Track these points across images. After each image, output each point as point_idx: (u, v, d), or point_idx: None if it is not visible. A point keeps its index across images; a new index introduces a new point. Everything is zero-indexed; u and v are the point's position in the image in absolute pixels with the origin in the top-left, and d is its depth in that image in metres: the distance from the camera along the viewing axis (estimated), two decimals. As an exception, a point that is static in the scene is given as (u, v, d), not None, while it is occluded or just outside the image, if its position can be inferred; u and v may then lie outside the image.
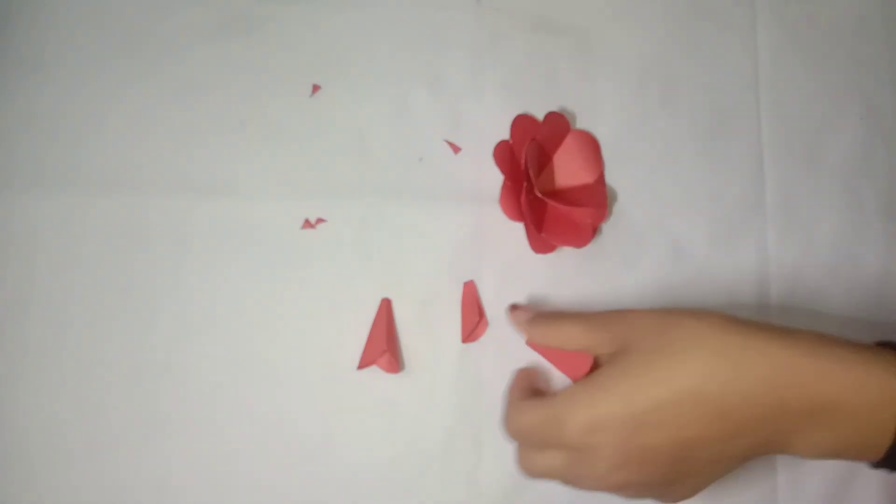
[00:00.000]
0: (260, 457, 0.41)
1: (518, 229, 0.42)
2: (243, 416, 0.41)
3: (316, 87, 0.44)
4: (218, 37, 0.44)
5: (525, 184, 0.41)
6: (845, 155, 0.46)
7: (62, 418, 0.40)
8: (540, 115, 0.44)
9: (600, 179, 0.44)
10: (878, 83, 0.47)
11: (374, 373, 0.41)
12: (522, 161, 0.42)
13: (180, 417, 0.41)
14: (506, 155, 0.42)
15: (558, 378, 0.42)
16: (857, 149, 0.46)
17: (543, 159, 0.44)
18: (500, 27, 0.45)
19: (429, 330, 0.42)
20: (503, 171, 0.42)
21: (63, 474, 0.40)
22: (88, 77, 0.43)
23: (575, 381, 0.41)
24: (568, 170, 0.44)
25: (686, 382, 0.33)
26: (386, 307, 0.42)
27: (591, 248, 0.43)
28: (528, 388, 0.41)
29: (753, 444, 0.34)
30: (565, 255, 0.43)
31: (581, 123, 0.45)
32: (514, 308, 0.42)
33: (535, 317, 0.40)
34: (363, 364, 0.41)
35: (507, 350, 0.42)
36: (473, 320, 0.42)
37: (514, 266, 0.43)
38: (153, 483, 0.40)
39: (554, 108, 0.44)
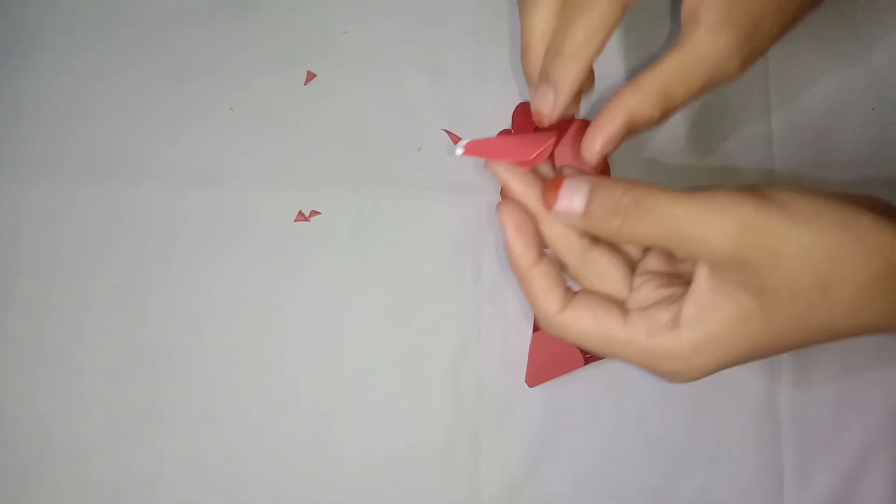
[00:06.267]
0: (253, 456, 0.40)
1: (520, 223, 0.41)
2: (235, 414, 0.40)
3: (311, 76, 0.42)
4: (208, 20, 0.42)
5: (528, 176, 0.40)
6: (856, 146, 0.45)
7: (48, 416, 0.39)
8: (543, 104, 0.42)
9: (605, 171, 0.42)
10: (891, 73, 0.46)
11: (370, 370, 0.40)
12: (525, 152, 0.40)
13: (169, 415, 0.40)
14: (508, 145, 0.41)
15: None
16: (869, 140, 0.45)
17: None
18: (504, 7, 0.43)
19: (427, 326, 0.41)
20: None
21: (49, 474, 0.39)
22: (73, 61, 0.41)
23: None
24: (571, 161, 0.42)
25: None
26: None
27: (594, 242, 0.42)
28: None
29: None
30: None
31: (585, 111, 0.43)
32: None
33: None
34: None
35: (507, 346, 0.41)
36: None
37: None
38: (142, 483, 0.39)
39: (558, 95, 0.43)
